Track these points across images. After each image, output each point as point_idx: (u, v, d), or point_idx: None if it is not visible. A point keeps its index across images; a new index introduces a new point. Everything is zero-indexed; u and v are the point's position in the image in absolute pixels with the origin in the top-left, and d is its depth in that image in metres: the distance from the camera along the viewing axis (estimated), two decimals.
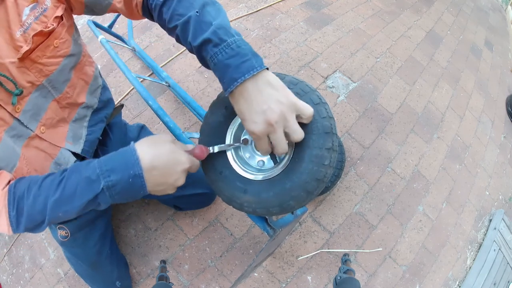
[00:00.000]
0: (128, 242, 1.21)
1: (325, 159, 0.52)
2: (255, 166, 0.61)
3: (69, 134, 0.71)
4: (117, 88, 1.59)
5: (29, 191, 0.48)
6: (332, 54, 1.79)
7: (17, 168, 0.58)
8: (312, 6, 2.04)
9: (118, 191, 0.49)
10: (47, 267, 1.22)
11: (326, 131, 0.53)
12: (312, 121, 0.52)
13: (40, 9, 0.54)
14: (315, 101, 0.54)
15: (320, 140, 0.52)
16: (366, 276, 1.23)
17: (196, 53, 0.53)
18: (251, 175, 0.59)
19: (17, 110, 0.56)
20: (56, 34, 0.58)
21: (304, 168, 0.53)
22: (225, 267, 1.17)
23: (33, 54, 0.55)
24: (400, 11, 2.24)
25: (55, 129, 0.67)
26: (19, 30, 0.51)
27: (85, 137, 0.76)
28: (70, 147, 0.71)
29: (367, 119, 1.58)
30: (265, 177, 0.57)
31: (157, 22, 0.60)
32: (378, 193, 1.40)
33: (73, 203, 0.48)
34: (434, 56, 2.05)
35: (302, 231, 1.27)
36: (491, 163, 1.80)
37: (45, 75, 0.59)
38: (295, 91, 0.54)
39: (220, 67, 0.48)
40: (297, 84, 0.57)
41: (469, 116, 1.89)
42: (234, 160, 0.60)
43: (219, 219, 1.25)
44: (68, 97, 0.68)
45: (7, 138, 0.55)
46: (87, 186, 0.47)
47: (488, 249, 1.48)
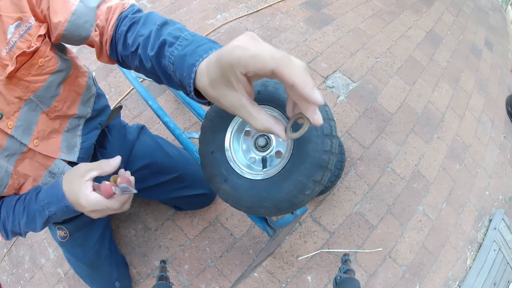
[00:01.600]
0: (128, 242, 1.21)
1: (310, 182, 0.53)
2: (246, 160, 0.61)
3: (63, 144, 0.71)
4: (117, 88, 1.59)
5: (8, 217, 0.63)
6: (332, 54, 1.79)
7: (9, 186, 0.62)
8: (312, 6, 2.04)
9: (60, 216, 0.61)
10: (47, 267, 1.22)
11: (326, 149, 0.53)
12: (315, 135, 0.53)
13: (24, 27, 0.53)
14: (324, 116, 0.55)
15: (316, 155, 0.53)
16: (366, 276, 1.23)
17: (156, 67, 0.49)
18: (238, 169, 0.60)
19: (9, 127, 0.56)
20: (40, 53, 0.57)
21: (285, 187, 0.54)
22: (225, 267, 1.17)
23: (19, 72, 0.55)
24: (400, 11, 2.24)
25: (48, 140, 0.67)
26: (4, 49, 0.51)
27: (79, 145, 0.76)
28: (65, 156, 0.71)
29: (367, 119, 1.58)
30: (250, 176, 0.58)
31: (121, 54, 0.57)
32: (378, 193, 1.40)
33: (35, 223, 0.62)
34: (434, 56, 2.05)
35: (302, 231, 1.27)
36: (491, 163, 1.80)
37: (32, 91, 0.59)
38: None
39: (178, 62, 0.43)
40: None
41: (469, 116, 1.89)
42: (229, 145, 0.61)
43: (219, 219, 1.25)
44: (57, 110, 0.68)
45: (1, 160, 0.57)
46: (39, 214, 0.60)
47: (488, 249, 1.48)
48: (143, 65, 0.52)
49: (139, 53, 0.51)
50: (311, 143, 0.54)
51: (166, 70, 0.47)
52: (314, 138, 0.54)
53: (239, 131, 0.62)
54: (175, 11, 1.96)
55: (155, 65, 0.49)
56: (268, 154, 0.61)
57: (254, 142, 0.61)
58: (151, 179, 1.02)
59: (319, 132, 0.54)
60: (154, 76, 0.53)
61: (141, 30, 0.51)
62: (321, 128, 0.53)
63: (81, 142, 0.76)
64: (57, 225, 0.90)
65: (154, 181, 1.02)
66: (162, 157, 1.02)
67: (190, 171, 1.06)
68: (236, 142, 0.62)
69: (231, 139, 0.61)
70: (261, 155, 0.61)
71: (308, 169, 0.53)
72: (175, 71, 0.44)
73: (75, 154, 0.75)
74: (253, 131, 0.61)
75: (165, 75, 0.49)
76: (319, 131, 0.54)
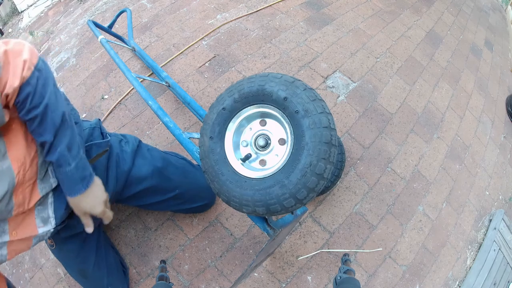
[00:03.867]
0: (128, 242, 1.21)
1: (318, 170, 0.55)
2: (240, 155, 0.64)
3: (37, 220, 0.74)
4: (117, 88, 1.59)
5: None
6: (332, 54, 1.79)
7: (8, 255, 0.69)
8: (312, 6, 2.04)
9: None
10: (47, 267, 1.22)
11: (326, 141, 0.55)
12: (313, 127, 0.55)
13: None
14: (311, 98, 0.57)
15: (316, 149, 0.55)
16: (366, 276, 1.23)
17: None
18: (231, 159, 0.63)
19: None
20: None
21: (290, 181, 0.57)
22: (225, 267, 1.17)
23: None
24: (400, 11, 2.24)
25: (23, 224, 0.71)
26: None
27: (53, 214, 0.77)
28: (43, 230, 0.75)
29: (367, 119, 1.58)
30: (242, 173, 0.61)
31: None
32: (378, 193, 1.40)
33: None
34: (434, 56, 2.05)
35: (302, 231, 1.27)
36: (491, 163, 1.80)
37: None
38: (291, 89, 0.58)
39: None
40: (293, 82, 0.59)
41: (469, 116, 1.89)
42: (231, 135, 0.65)
43: (219, 219, 1.25)
44: (22, 211, 0.69)
45: None
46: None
47: (488, 249, 1.48)
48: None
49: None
50: (312, 134, 0.55)
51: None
52: (314, 130, 0.55)
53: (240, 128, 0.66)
54: (175, 11, 1.96)
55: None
56: (266, 153, 0.63)
57: (255, 140, 0.64)
58: (148, 198, 1.02)
59: (317, 125, 0.56)
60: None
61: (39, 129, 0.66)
62: (319, 121, 0.56)
63: (53, 212, 0.77)
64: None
65: (152, 200, 1.03)
66: (160, 181, 1.00)
67: (189, 188, 1.06)
68: (237, 134, 0.65)
69: (234, 130, 0.65)
70: (260, 154, 0.63)
71: (311, 161, 0.55)
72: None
73: (51, 223, 0.77)
74: (252, 140, 0.65)
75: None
76: (317, 124, 0.55)
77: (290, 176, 0.55)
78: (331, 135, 0.56)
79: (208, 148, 0.65)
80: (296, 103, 0.57)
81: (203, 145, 0.66)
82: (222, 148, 0.64)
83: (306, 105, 0.56)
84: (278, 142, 0.63)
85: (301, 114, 0.56)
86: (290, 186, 0.55)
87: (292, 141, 0.58)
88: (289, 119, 0.58)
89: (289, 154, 0.57)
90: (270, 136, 0.64)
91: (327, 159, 0.55)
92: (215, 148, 0.64)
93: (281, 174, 0.57)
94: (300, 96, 0.57)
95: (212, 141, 0.65)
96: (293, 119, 0.57)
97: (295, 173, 0.55)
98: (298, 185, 0.55)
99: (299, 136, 0.56)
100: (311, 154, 0.54)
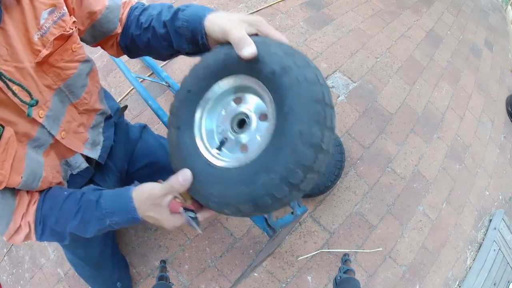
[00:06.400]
0: (128, 242, 1.21)
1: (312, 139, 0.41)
2: (216, 144, 0.53)
3: (89, 141, 0.72)
4: (117, 88, 1.59)
5: (52, 212, 0.57)
6: (332, 54, 1.79)
7: (43, 178, 0.58)
8: (312, 6, 2.04)
9: (122, 225, 0.59)
10: (47, 267, 1.22)
11: (316, 99, 0.42)
12: (296, 85, 0.43)
13: (58, 14, 0.54)
14: (288, 52, 0.46)
15: (306, 110, 0.42)
16: (366, 276, 1.23)
17: (170, 29, 0.59)
18: (204, 150, 0.52)
19: (41, 116, 0.55)
20: (73, 39, 0.58)
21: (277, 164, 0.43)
22: (225, 267, 1.17)
23: (51, 58, 0.55)
24: (400, 11, 2.24)
25: (76, 135, 0.67)
26: (36, 34, 0.51)
27: (102, 143, 0.77)
28: (88, 152, 0.71)
29: (367, 119, 1.58)
30: (218, 165, 0.49)
31: (132, 35, 0.65)
32: (378, 193, 1.40)
33: (87, 229, 0.58)
34: (434, 56, 2.05)
35: (302, 231, 1.27)
36: (491, 163, 1.80)
37: (63, 79, 0.59)
38: (262, 47, 0.46)
39: (191, 18, 0.56)
40: (264, 41, 0.48)
41: (469, 116, 1.89)
42: (201, 121, 0.54)
43: (219, 219, 1.25)
44: (86, 103, 0.68)
45: (30, 150, 0.55)
46: (97, 221, 0.57)
47: (488, 249, 1.48)
48: (155, 34, 0.61)
49: (153, 25, 0.61)
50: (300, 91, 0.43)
51: (178, 30, 0.58)
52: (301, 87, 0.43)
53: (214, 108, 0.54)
54: None
55: (169, 28, 0.59)
56: (247, 136, 0.51)
57: (231, 123, 0.53)
58: (152, 178, 1.02)
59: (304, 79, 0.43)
60: (164, 43, 0.62)
61: (152, 11, 0.63)
62: (303, 76, 0.43)
63: (103, 141, 0.77)
64: None
65: (156, 180, 1.02)
66: (164, 157, 1.01)
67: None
68: (209, 120, 0.54)
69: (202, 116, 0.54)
70: (240, 138, 0.51)
71: (302, 129, 0.41)
72: (188, 26, 0.56)
73: (98, 152, 0.75)
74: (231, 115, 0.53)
75: (177, 36, 0.59)
76: (301, 80, 0.43)
77: (278, 155, 0.42)
78: (323, 91, 0.43)
79: (176, 141, 0.54)
80: (271, 62, 0.44)
81: (170, 139, 0.56)
82: (192, 138, 0.52)
83: (283, 61, 0.44)
84: (259, 119, 0.50)
85: (278, 74, 0.43)
86: (278, 168, 0.41)
87: (274, 111, 0.44)
88: (266, 85, 0.45)
89: (272, 129, 0.43)
90: (249, 113, 0.51)
91: (322, 122, 0.41)
92: (184, 139, 0.53)
93: (266, 156, 0.43)
94: (274, 53, 0.45)
95: (179, 132, 0.54)
96: (271, 83, 0.45)
97: (283, 150, 0.41)
98: (289, 164, 0.41)
99: (280, 102, 0.43)
100: (298, 119, 0.41)
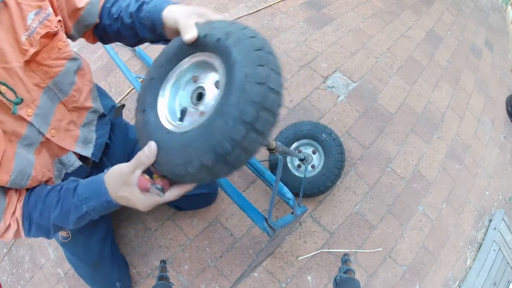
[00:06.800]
0: (128, 242, 1.21)
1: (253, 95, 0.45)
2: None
3: (80, 139, 0.72)
4: (117, 88, 1.59)
5: (36, 206, 0.59)
6: (332, 54, 1.79)
7: (32, 177, 0.59)
8: (312, 6, 2.04)
9: (99, 211, 0.58)
10: (47, 267, 1.22)
11: (256, 48, 0.48)
12: (238, 42, 0.49)
13: (44, 14, 0.57)
14: (229, 22, 0.54)
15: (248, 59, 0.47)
16: (366, 276, 1.23)
17: (135, 20, 0.66)
18: (167, 123, 0.54)
19: (29, 114, 0.57)
20: (59, 37, 0.61)
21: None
22: (225, 267, 1.17)
23: (39, 56, 0.57)
24: (400, 11, 2.24)
25: (67, 132, 0.68)
26: (24, 34, 0.53)
27: (94, 141, 0.77)
28: (80, 150, 0.72)
29: (367, 119, 1.58)
30: (180, 131, 0.51)
31: (104, 24, 0.71)
32: (378, 193, 1.40)
33: (68, 218, 0.59)
34: (434, 56, 2.05)
35: (302, 231, 1.27)
36: (491, 163, 1.80)
37: (51, 77, 0.60)
38: (207, 26, 0.55)
39: (152, 9, 0.63)
40: (210, 22, 0.56)
41: (469, 116, 1.89)
42: (164, 100, 0.57)
43: (219, 219, 1.25)
44: (75, 101, 0.69)
45: (21, 149, 0.56)
46: (75, 208, 0.57)
47: (488, 249, 1.48)
48: (123, 24, 0.68)
49: (121, 16, 0.68)
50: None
51: (142, 21, 0.65)
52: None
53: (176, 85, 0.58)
54: None
55: (134, 19, 0.66)
56: (204, 103, 0.55)
57: (190, 99, 0.57)
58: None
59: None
60: (131, 32, 0.69)
61: (122, 3, 0.70)
62: (243, 34, 0.50)
63: (96, 138, 0.77)
64: None
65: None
66: None
67: None
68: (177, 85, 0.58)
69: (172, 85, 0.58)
70: (198, 108, 0.55)
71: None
72: (149, 17, 0.63)
73: (90, 149, 0.76)
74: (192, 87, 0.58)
75: (141, 26, 0.66)
76: (242, 37, 0.49)
77: (228, 99, 0.45)
78: (262, 42, 0.49)
79: (141, 122, 0.56)
80: (216, 32, 0.52)
81: (137, 122, 0.58)
82: (155, 116, 0.55)
83: (226, 29, 0.51)
84: (214, 86, 0.54)
85: (223, 38, 0.50)
86: (230, 109, 0.44)
87: (223, 70, 0.49)
88: (214, 52, 0.52)
89: (224, 83, 0.48)
90: (204, 85, 0.56)
91: (266, 64, 0.46)
92: (149, 119, 0.55)
93: (219, 106, 0.46)
94: (217, 26, 0.53)
95: (145, 114, 0.56)
96: (217, 48, 0.51)
97: (233, 94, 0.45)
98: (240, 104, 0.44)
99: (227, 58, 0.48)
100: (244, 66, 0.46)
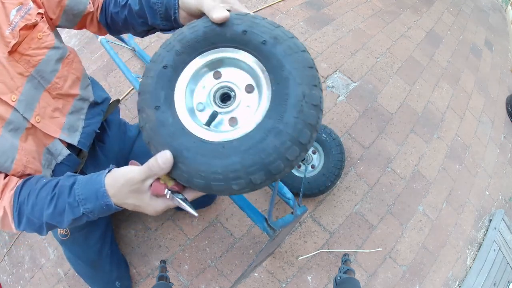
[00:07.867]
0: (128, 242, 1.21)
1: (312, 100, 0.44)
2: (199, 122, 0.49)
3: (65, 126, 0.73)
4: (117, 88, 1.59)
5: (28, 199, 0.56)
6: (332, 54, 1.79)
7: (17, 160, 0.61)
8: (312, 6, 2.04)
9: (97, 214, 0.54)
10: (47, 267, 1.22)
11: (310, 66, 0.46)
12: (291, 52, 0.46)
13: (25, 9, 0.62)
14: (275, 25, 0.49)
15: (304, 75, 0.45)
16: (366, 276, 1.23)
17: (145, 6, 0.65)
18: (192, 127, 0.47)
19: (13, 100, 0.60)
20: (39, 28, 0.64)
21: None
22: (225, 267, 1.17)
23: (20, 47, 0.61)
24: (400, 11, 2.24)
25: (52, 119, 0.69)
26: (7, 29, 0.59)
27: (81, 129, 0.77)
28: (65, 138, 0.72)
29: (367, 119, 1.58)
30: (213, 140, 0.46)
31: (111, 12, 0.71)
32: (378, 193, 1.40)
33: (62, 218, 0.55)
34: (434, 56, 2.05)
35: (302, 231, 1.27)
36: (491, 163, 1.80)
37: (33, 66, 0.64)
38: (248, 20, 0.49)
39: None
40: (246, 14, 0.50)
41: (469, 116, 1.89)
42: (181, 98, 0.50)
43: (219, 219, 1.25)
44: (58, 88, 0.70)
45: (6, 133, 0.59)
46: (70, 209, 0.53)
47: (488, 249, 1.48)
48: (131, 11, 0.68)
49: (129, 2, 0.68)
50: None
51: (153, 6, 0.64)
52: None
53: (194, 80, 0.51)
54: None
55: (144, 4, 0.65)
56: (234, 109, 0.49)
57: (213, 98, 0.50)
58: None
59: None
60: (139, 20, 0.68)
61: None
62: (295, 45, 0.47)
63: (83, 126, 0.78)
64: None
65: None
66: None
67: None
68: (193, 83, 0.51)
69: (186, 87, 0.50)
70: (226, 112, 0.49)
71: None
72: (163, 1, 0.62)
73: (76, 137, 0.76)
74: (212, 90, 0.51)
75: (151, 12, 0.65)
76: (294, 48, 0.47)
77: (284, 117, 0.43)
78: (312, 59, 0.47)
79: (155, 121, 0.47)
80: (260, 32, 0.47)
81: (147, 121, 0.48)
82: (175, 116, 0.47)
83: (273, 32, 0.47)
84: (244, 90, 0.49)
85: (271, 43, 0.46)
86: (288, 129, 0.43)
87: (267, 79, 0.46)
88: (256, 54, 0.47)
89: (270, 94, 0.45)
90: (233, 86, 0.50)
91: (319, 86, 0.46)
92: (166, 119, 0.47)
93: (270, 120, 0.43)
94: (261, 25, 0.48)
95: (159, 112, 0.48)
96: (262, 52, 0.47)
97: (289, 112, 0.43)
98: (298, 124, 0.43)
99: (276, 68, 0.45)
100: (300, 83, 0.44)
